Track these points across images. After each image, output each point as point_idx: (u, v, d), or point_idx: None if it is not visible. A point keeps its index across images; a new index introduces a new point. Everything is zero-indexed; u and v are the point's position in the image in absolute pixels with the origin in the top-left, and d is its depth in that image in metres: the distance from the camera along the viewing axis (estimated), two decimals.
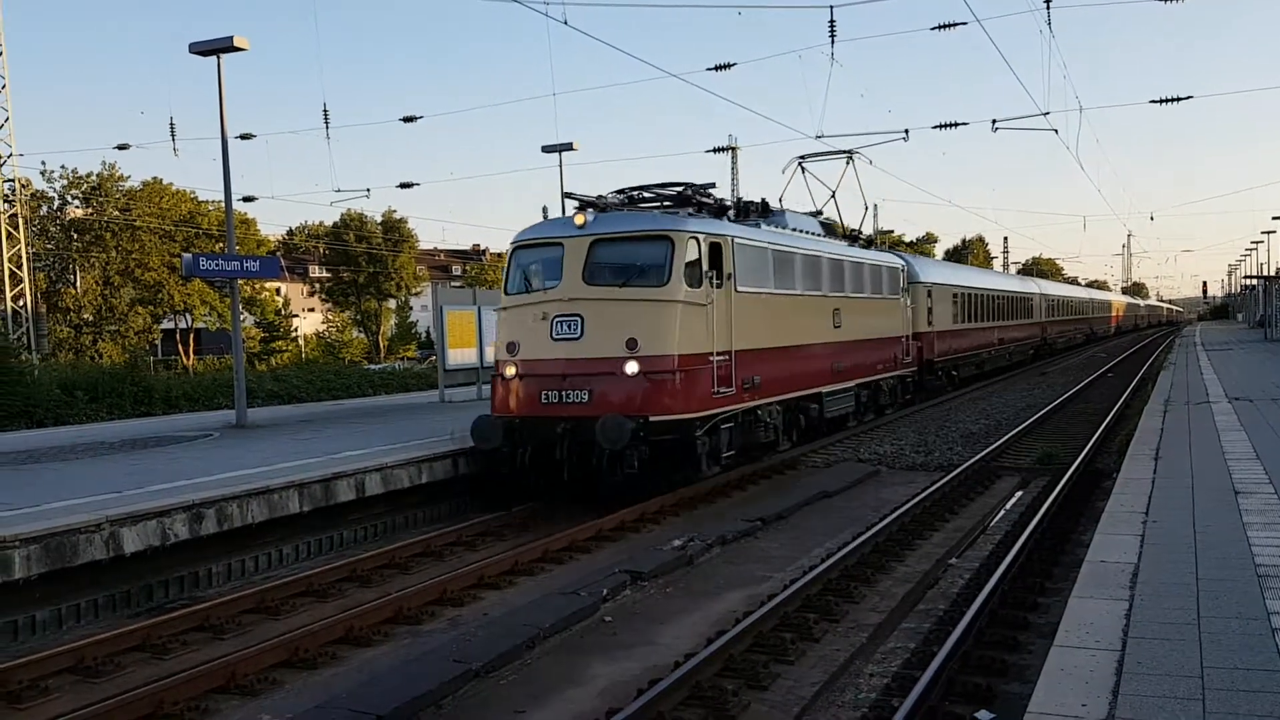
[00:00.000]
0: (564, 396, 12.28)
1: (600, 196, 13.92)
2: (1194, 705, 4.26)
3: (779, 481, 14.63)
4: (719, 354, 12.89)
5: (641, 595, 8.99)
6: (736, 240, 13.67)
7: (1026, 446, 17.35)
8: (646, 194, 14.53)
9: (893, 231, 77.09)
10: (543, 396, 12.40)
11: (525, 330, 12.76)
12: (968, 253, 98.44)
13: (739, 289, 13.52)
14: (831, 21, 18.92)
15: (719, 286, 13.05)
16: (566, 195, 13.41)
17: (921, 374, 24.04)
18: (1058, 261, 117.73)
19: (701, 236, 12.89)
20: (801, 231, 17.41)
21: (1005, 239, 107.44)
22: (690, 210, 14.12)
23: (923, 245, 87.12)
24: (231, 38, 16.64)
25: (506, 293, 13.41)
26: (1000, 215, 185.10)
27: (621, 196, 14.36)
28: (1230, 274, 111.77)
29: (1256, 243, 77.21)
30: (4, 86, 31.15)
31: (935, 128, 26.60)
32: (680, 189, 14.54)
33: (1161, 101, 22.00)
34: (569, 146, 26.64)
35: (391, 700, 6.24)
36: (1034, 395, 27.23)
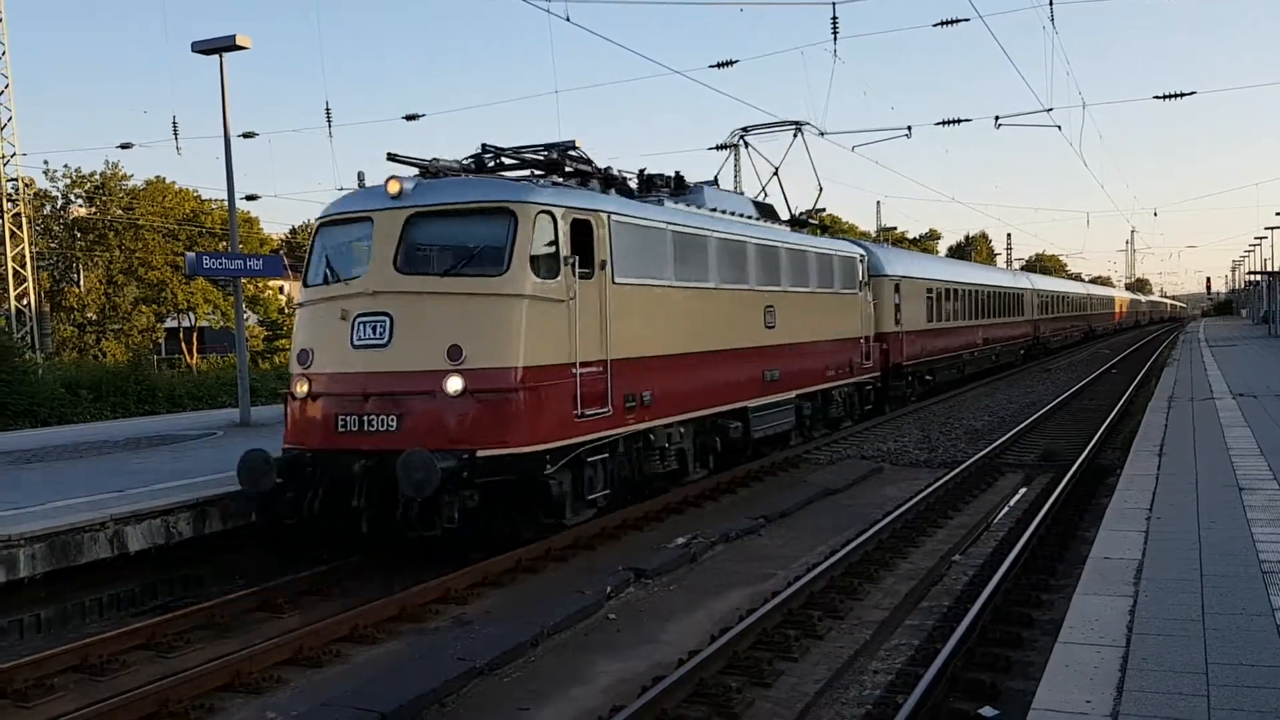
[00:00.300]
0: (365, 423, 9.42)
1: (435, 159, 10.72)
2: (1199, 701, 4.25)
3: (782, 479, 14.61)
4: (586, 364, 10.09)
5: (645, 593, 8.99)
6: (615, 217, 10.77)
7: (1030, 443, 17.38)
8: (506, 159, 11.52)
9: (895, 228, 77.24)
10: (339, 423, 9.55)
11: (321, 334, 9.95)
12: (971, 249, 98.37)
13: (619, 280, 10.68)
14: (834, 18, 18.87)
15: (587, 277, 10.20)
16: (390, 157, 10.36)
17: (886, 380, 21.19)
18: (1061, 258, 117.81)
19: (559, 211, 9.94)
20: (726, 212, 14.52)
21: (1009, 235, 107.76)
22: (557, 179, 11.42)
23: (926, 242, 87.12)
24: (234, 36, 16.68)
25: (305, 284, 10.50)
26: (1003, 212, 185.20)
27: (469, 161, 11.34)
28: (1234, 270, 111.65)
29: (1260, 238, 77.02)
30: (7, 86, 31.20)
31: (938, 124, 26.76)
32: (547, 152, 11.67)
33: (1165, 97, 22.06)
34: (572, 145, 26.58)
35: (395, 698, 6.25)
36: (1038, 392, 27.29)
